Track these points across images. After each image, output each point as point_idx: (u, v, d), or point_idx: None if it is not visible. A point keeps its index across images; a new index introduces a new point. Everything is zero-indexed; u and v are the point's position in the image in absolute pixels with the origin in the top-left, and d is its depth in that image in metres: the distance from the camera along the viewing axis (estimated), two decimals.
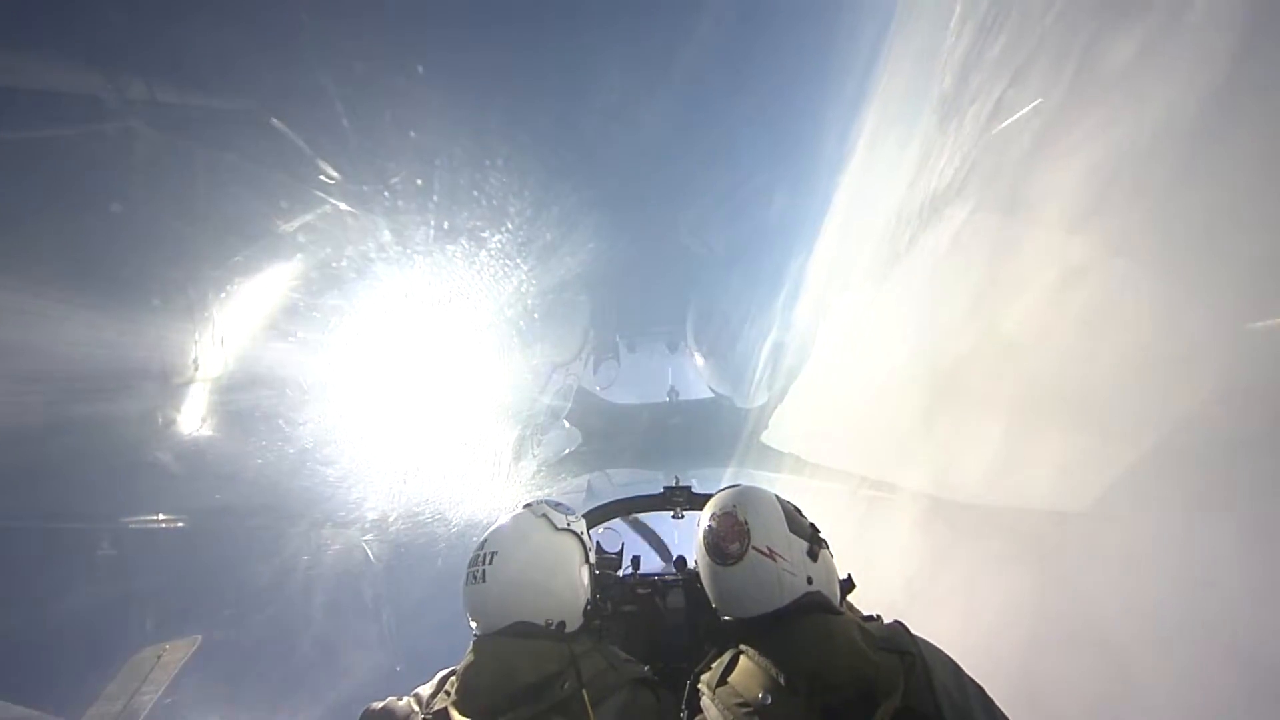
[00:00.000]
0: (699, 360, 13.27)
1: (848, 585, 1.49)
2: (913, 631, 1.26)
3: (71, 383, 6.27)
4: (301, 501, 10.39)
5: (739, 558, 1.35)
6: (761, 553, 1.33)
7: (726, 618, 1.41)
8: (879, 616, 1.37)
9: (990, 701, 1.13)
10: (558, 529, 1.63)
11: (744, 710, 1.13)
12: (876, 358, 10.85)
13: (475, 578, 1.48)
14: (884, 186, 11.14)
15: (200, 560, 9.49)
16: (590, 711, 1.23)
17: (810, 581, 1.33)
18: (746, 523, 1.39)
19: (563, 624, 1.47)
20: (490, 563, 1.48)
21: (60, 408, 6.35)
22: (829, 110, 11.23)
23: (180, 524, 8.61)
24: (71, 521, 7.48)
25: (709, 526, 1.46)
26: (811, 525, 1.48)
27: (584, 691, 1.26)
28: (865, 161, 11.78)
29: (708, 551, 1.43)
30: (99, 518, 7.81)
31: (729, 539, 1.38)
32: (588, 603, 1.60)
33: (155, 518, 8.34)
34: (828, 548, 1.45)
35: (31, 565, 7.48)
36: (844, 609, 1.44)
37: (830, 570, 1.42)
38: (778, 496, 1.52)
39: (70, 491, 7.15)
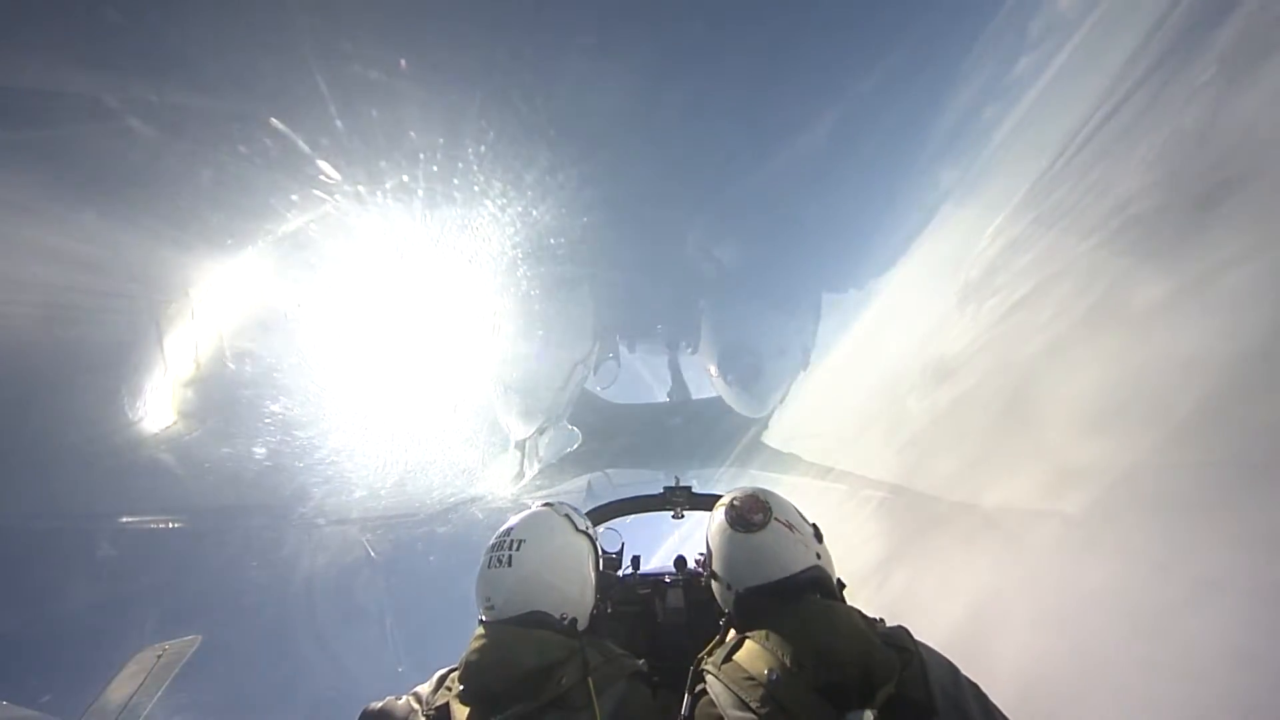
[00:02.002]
0: (711, 371, 13.63)
1: (840, 585, 1.57)
2: (914, 636, 1.30)
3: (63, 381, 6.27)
4: (302, 499, 10.39)
5: (762, 526, 1.47)
6: (781, 523, 1.48)
7: (738, 595, 1.45)
8: (883, 620, 1.42)
9: (986, 698, 1.17)
10: (577, 530, 1.69)
11: (750, 684, 1.18)
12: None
13: (499, 562, 1.49)
14: (896, 331, 13.06)
15: (201, 560, 9.51)
16: (595, 701, 1.25)
17: (818, 558, 1.48)
18: (768, 502, 1.54)
19: (574, 620, 1.51)
20: (517, 549, 1.50)
21: (53, 406, 6.36)
22: (871, 246, 12.80)
23: (179, 523, 8.62)
24: (72, 521, 7.48)
25: (731, 504, 1.57)
26: (814, 524, 1.61)
27: (589, 680, 1.28)
28: (888, 302, 13.57)
29: (730, 523, 1.53)
30: (99, 517, 7.82)
31: (753, 510, 1.52)
32: (594, 605, 1.65)
33: (154, 518, 8.34)
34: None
35: (31, 565, 7.48)
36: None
37: (830, 560, 1.55)
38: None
39: (68, 488, 7.15)
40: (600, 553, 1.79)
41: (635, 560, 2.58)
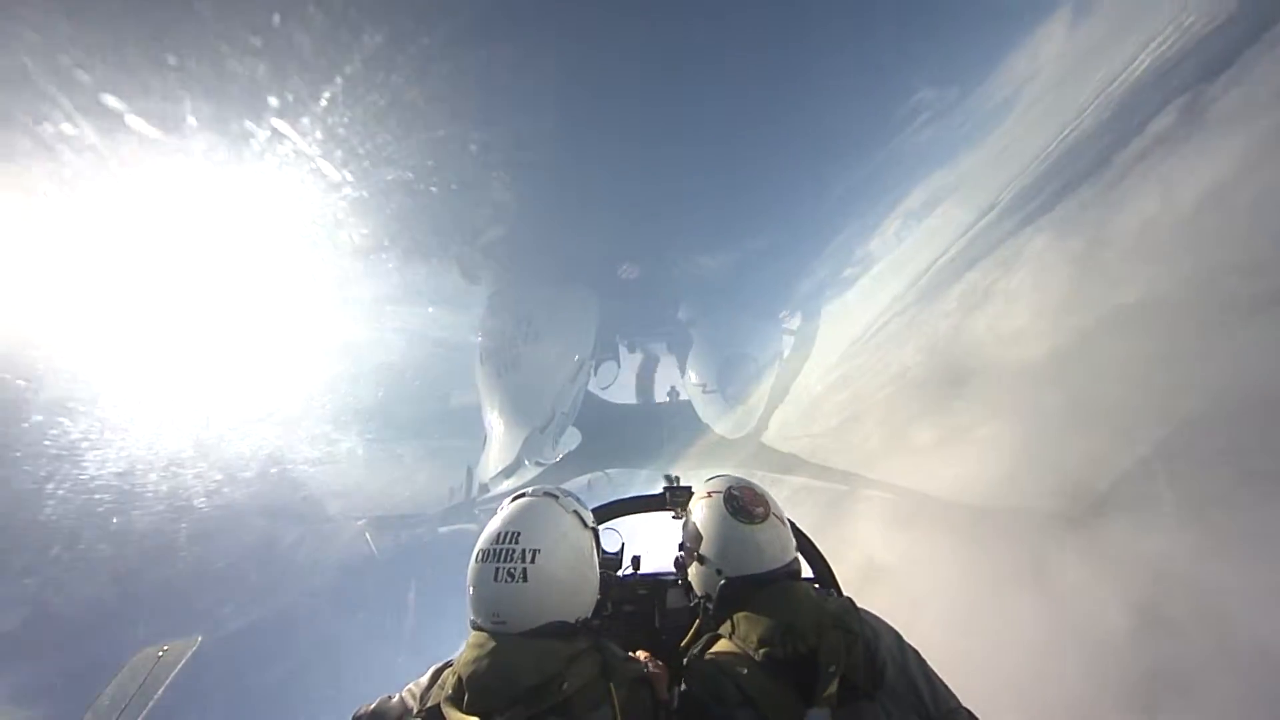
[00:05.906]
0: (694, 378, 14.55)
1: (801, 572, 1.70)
2: (858, 606, 1.44)
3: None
4: (302, 498, 10.39)
5: (764, 519, 1.55)
6: (777, 518, 1.59)
7: (727, 580, 1.52)
8: (834, 592, 1.56)
9: (925, 663, 1.34)
10: (585, 527, 1.59)
11: (724, 679, 1.28)
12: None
13: (510, 575, 1.33)
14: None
15: (200, 560, 9.49)
16: (617, 709, 1.22)
17: (796, 551, 1.61)
18: (764, 495, 1.64)
19: (587, 620, 1.46)
20: (532, 561, 1.35)
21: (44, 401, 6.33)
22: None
23: (181, 523, 8.61)
24: (72, 521, 7.47)
25: (730, 494, 1.63)
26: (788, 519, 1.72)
27: (610, 683, 1.26)
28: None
29: (733, 512, 1.58)
30: (100, 517, 7.81)
31: (754, 502, 1.59)
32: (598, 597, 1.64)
33: (155, 516, 8.33)
34: None
35: (31, 565, 7.47)
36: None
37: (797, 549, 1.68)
38: None
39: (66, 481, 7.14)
40: (600, 548, 1.73)
41: (635, 560, 2.56)
